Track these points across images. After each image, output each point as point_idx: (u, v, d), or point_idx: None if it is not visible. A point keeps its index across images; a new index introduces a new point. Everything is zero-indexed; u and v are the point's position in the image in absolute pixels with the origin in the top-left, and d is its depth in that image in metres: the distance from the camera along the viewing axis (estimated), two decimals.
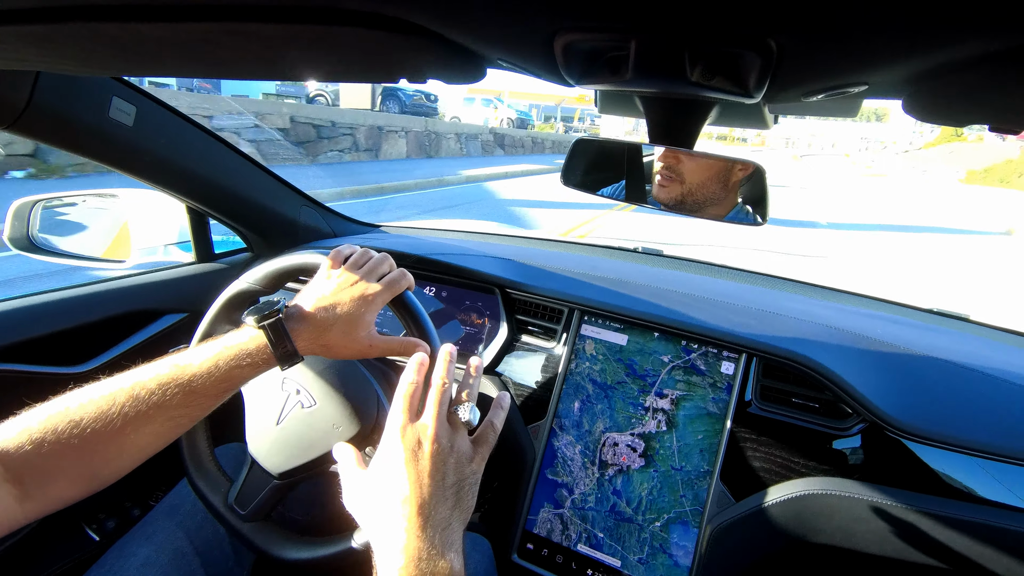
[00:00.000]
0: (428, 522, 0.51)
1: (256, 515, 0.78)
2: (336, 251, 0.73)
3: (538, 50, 0.42)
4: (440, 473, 0.54)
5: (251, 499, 0.78)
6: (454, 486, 0.54)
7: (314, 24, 0.38)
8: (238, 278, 0.82)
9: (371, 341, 0.69)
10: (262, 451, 0.78)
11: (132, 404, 0.57)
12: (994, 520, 0.84)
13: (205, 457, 0.84)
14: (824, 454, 0.93)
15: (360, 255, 0.73)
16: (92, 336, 1.09)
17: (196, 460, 0.83)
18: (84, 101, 0.86)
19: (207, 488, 0.81)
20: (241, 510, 0.78)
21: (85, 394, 0.58)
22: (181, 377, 0.60)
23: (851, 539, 0.89)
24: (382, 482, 0.55)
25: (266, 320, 0.64)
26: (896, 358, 0.97)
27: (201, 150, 1.10)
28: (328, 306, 0.67)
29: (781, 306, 1.12)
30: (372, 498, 0.55)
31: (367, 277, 0.70)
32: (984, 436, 0.86)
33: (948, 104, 0.43)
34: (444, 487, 0.54)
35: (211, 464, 0.84)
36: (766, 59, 0.38)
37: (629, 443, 1.01)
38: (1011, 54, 0.31)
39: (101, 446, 0.56)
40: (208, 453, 0.84)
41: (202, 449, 0.84)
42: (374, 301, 0.69)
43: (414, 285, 0.75)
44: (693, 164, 0.68)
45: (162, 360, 0.62)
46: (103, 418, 0.56)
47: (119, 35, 0.41)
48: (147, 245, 1.33)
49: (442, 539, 0.51)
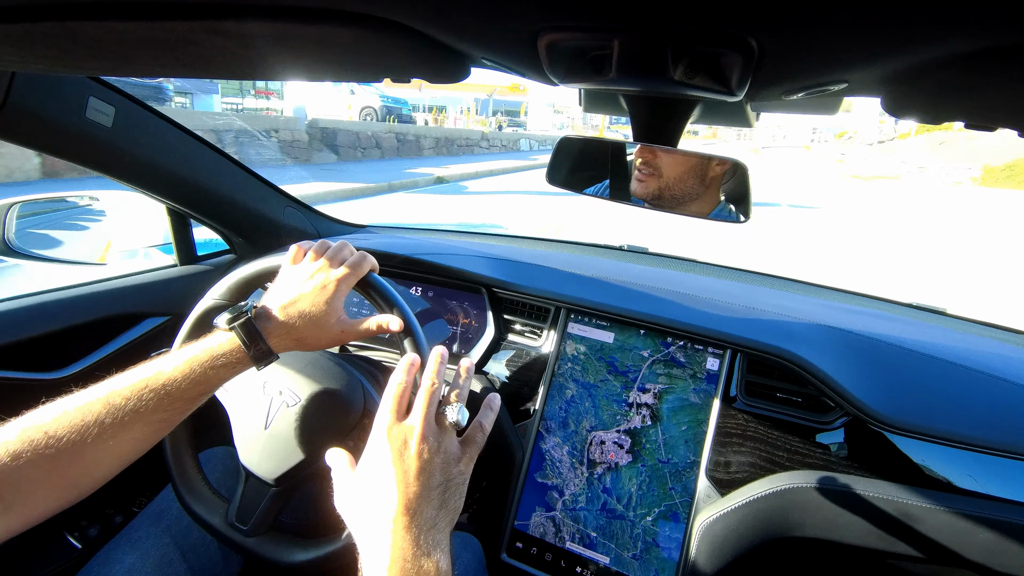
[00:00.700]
0: (413, 521, 0.51)
1: (259, 528, 0.77)
2: (295, 246, 0.74)
3: (522, 49, 0.42)
4: (426, 473, 0.54)
5: (251, 513, 0.77)
6: (440, 486, 0.54)
7: (296, 22, 0.37)
8: (205, 295, 0.82)
9: (342, 327, 0.70)
10: (255, 459, 0.77)
11: (108, 412, 0.57)
12: (972, 510, 0.86)
13: (196, 479, 0.83)
14: (808, 448, 0.94)
15: (318, 246, 0.74)
16: (73, 340, 1.07)
17: (187, 484, 0.82)
18: (60, 101, 0.84)
19: (204, 511, 0.80)
20: (243, 526, 0.77)
21: (60, 406, 0.58)
22: (156, 382, 0.60)
23: (835, 531, 0.90)
24: (369, 482, 0.55)
25: (236, 321, 0.65)
26: (877, 352, 0.99)
27: (182, 151, 1.08)
28: (293, 300, 0.68)
29: (765, 302, 1.13)
30: (359, 498, 0.55)
31: (327, 266, 0.71)
32: (962, 428, 0.87)
33: (925, 102, 0.44)
34: (430, 487, 0.54)
35: (203, 485, 0.83)
36: (747, 58, 0.38)
37: (615, 440, 1.02)
38: (985, 54, 0.32)
39: (79, 456, 0.56)
40: (198, 474, 0.83)
41: (190, 471, 0.83)
42: (338, 288, 0.70)
43: (377, 266, 0.75)
44: (670, 159, 0.69)
45: (137, 367, 0.62)
46: (80, 428, 0.56)
47: (95, 34, 0.41)
48: (128, 248, 1.31)
49: (428, 539, 0.51)
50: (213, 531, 0.79)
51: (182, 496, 0.81)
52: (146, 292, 1.20)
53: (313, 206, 1.46)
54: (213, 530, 0.79)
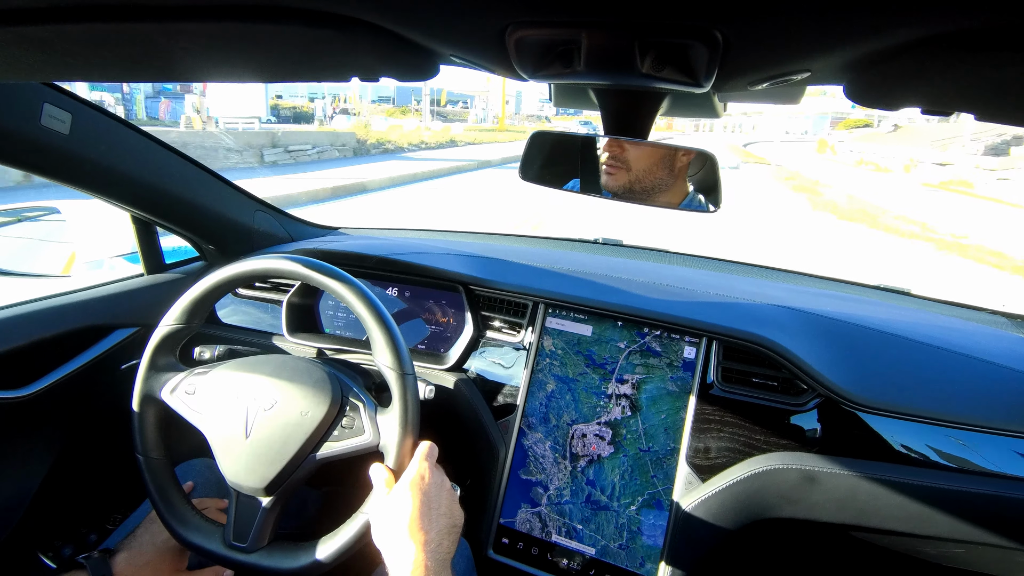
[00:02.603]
0: (427, 540, 0.66)
1: (258, 542, 0.76)
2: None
3: (490, 45, 0.42)
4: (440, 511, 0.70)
5: (248, 528, 0.76)
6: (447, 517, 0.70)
7: (258, 22, 0.37)
8: (159, 323, 0.83)
9: None
10: (241, 471, 0.75)
11: None
12: (943, 483, 0.89)
13: (186, 511, 0.81)
14: (784, 430, 0.96)
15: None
16: (38, 356, 1.04)
17: (178, 517, 0.80)
18: (14, 109, 0.81)
19: (201, 539, 0.78)
20: (242, 543, 0.76)
21: None
22: None
23: (812, 510, 0.93)
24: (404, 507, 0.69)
25: None
26: (847, 334, 1.02)
27: (144, 156, 1.05)
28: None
29: (737, 289, 1.15)
30: (393, 517, 0.68)
31: None
32: (930, 404, 0.91)
33: (885, 89, 0.45)
34: (440, 516, 0.69)
35: (193, 516, 0.81)
36: (713, 50, 0.39)
37: (597, 432, 1.03)
38: (939, 40, 0.33)
39: None
40: (187, 506, 0.82)
41: (178, 505, 0.81)
42: None
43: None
44: (638, 151, 0.70)
45: None
46: None
47: (47, 38, 0.39)
48: (93, 258, 1.27)
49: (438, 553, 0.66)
50: (214, 556, 0.77)
51: (175, 530, 0.79)
52: (113, 303, 1.17)
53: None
54: (214, 556, 0.77)
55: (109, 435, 1.19)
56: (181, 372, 0.83)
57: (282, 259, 0.80)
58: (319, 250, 1.25)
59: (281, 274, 0.80)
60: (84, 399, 1.12)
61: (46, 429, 1.07)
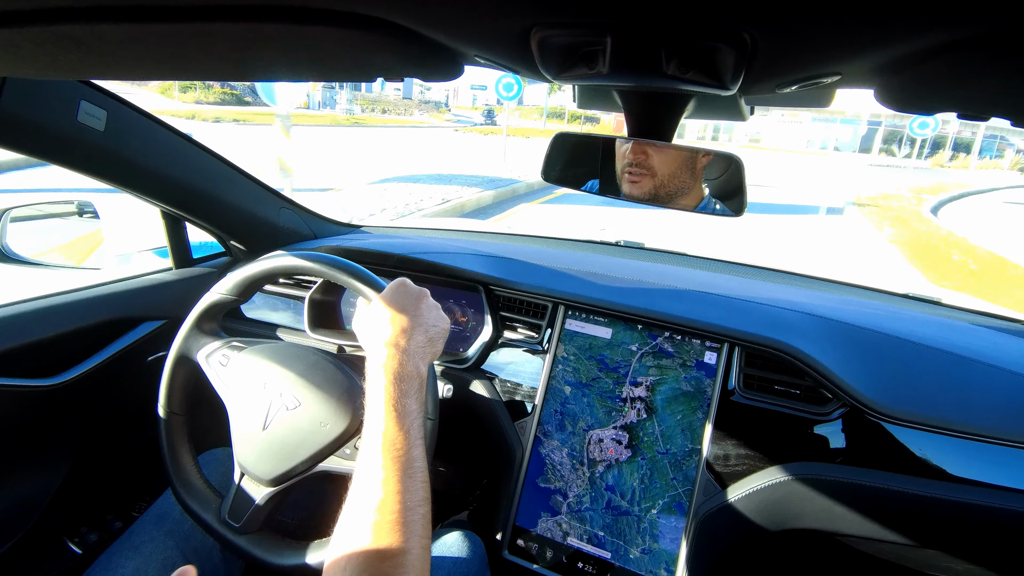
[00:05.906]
0: (408, 342, 0.69)
1: (249, 527, 0.77)
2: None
3: (515, 46, 0.42)
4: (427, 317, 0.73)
5: (243, 511, 0.77)
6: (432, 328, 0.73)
7: (286, 23, 0.37)
8: (211, 288, 0.83)
9: None
10: (251, 459, 0.77)
11: None
12: (970, 498, 0.86)
13: (191, 473, 0.83)
14: (806, 439, 0.95)
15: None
16: (68, 346, 1.07)
17: (183, 478, 0.82)
18: (52, 106, 0.84)
19: (197, 506, 0.80)
20: (235, 523, 0.77)
21: None
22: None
23: (833, 521, 0.91)
24: (382, 312, 0.72)
25: None
26: (873, 343, 0.99)
27: (175, 153, 1.08)
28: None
29: (760, 295, 1.13)
30: (370, 321, 0.72)
31: None
32: (958, 416, 0.88)
33: (918, 93, 0.44)
34: (426, 326, 0.72)
35: (198, 480, 0.83)
36: (740, 52, 0.38)
37: (613, 436, 1.02)
38: (973, 42, 0.32)
39: None
40: (194, 469, 0.83)
41: (186, 465, 0.83)
42: None
43: None
44: (662, 156, 0.69)
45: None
46: None
47: (83, 38, 0.40)
48: (123, 252, 1.30)
49: (417, 355, 0.69)
50: (205, 526, 0.79)
51: (177, 490, 0.81)
52: (141, 296, 1.20)
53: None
54: (205, 525, 0.79)
55: (135, 424, 1.22)
56: (220, 339, 0.85)
57: (344, 269, 0.81)
58: (342, 248, 1.26)
59: (338, 282, 0.82)
60: (111, 388, 1.15)
61: (75, 417, 1.10)
